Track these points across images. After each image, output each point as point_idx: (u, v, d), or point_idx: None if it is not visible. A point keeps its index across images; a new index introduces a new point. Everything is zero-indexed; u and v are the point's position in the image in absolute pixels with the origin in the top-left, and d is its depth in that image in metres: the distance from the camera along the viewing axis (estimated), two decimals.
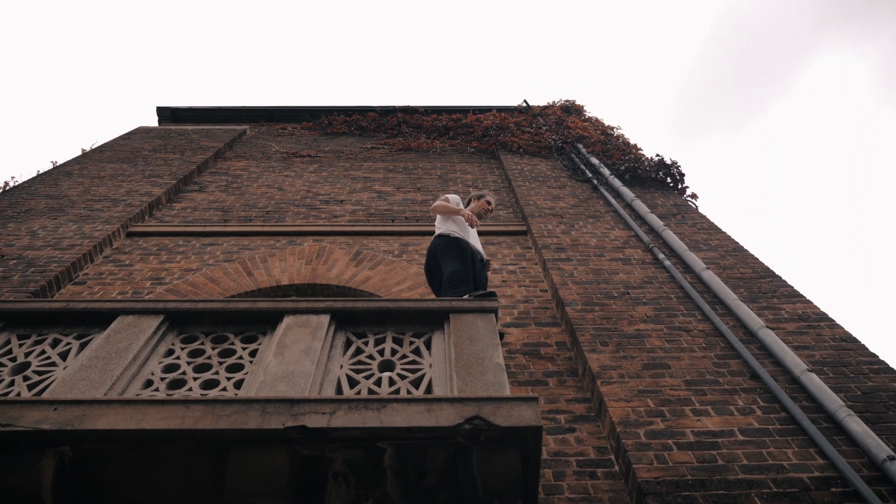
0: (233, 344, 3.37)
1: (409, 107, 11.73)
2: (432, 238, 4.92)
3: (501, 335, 4.51)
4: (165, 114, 11.70)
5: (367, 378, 3.12)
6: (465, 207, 5.35)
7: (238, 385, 3.08)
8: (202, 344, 3.36)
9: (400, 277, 5.97)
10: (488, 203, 5.36)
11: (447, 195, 5.19)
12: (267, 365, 3.09)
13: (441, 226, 4.93)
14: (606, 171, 8.20)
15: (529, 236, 6.73)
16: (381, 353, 3.31)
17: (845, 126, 30.75)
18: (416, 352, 3.33)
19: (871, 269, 26.19)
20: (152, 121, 12.52)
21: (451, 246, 4.69)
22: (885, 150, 29.19)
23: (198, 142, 9.98)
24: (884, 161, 28.91)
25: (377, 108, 11.76)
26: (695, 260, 5.72)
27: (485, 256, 4.94)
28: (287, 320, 3.41)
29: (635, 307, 5.09)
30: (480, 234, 6.36)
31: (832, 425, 3.75)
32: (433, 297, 4.75)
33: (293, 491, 2.58)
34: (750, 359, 4.34)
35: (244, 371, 3.16)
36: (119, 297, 5.47)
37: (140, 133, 10.53)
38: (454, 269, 4.50)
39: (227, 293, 5.70)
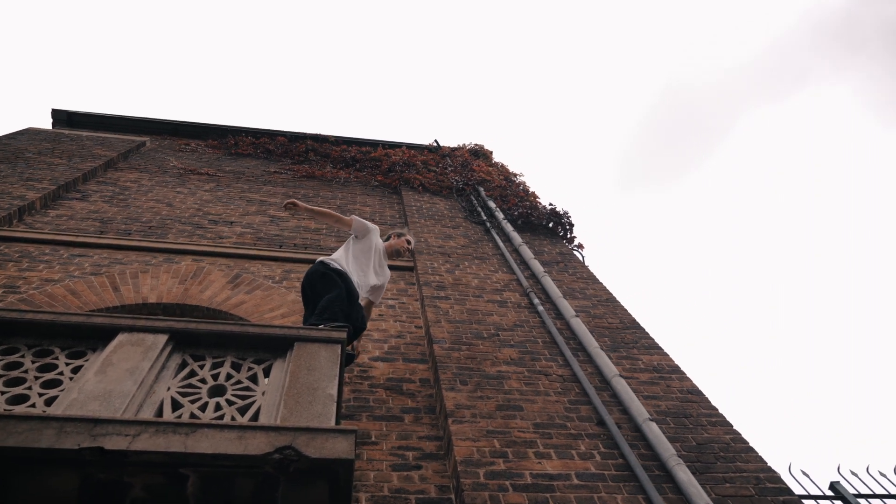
0: (56, 358, 3.18)
1: (319, 135, 11.70)
2: (318, 262, 4.60)
3: (352, 358, 4.36)
4: (61, 117, 11.17)
5: (193, 402, 3.01)
6: (384, 242, 5.06)
7: (50, 402, 2.91)
8: (22, 357, 3.16)
9: (275, 304, 5.85)
10: (408, 242, 5.12)
11: (367, 222, 4.89)
12: (85, 382, 2.93)
13: (338, 253, 4.71)
14: (501, 215, 8.41)
15: (415, 273, 6.77)
16: (216, 377, 3.21)
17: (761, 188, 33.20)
18: (253, 378, 3.25)
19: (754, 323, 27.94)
20: (48, 124, 11.93)
21: (327, 275, 4.56)
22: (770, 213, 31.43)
23: (90, 149, 9.56)
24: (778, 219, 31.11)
25: (287, 132, 11.67)
26: (566, 307, 5.90)
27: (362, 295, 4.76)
28: (120, 337, 3.26)
29: (501, 349, 5.18)
30: None
31: (663, 473, 3.90)
32: (290, 324, 4.67)
33: None
34: (599, 405, 4.48)
35: (61, 387, 2.99)
36: None
37: (28, 134, 10.00)
38: (330, 296, 4.31)
39: (86, 307, 5.42)
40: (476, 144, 12.29)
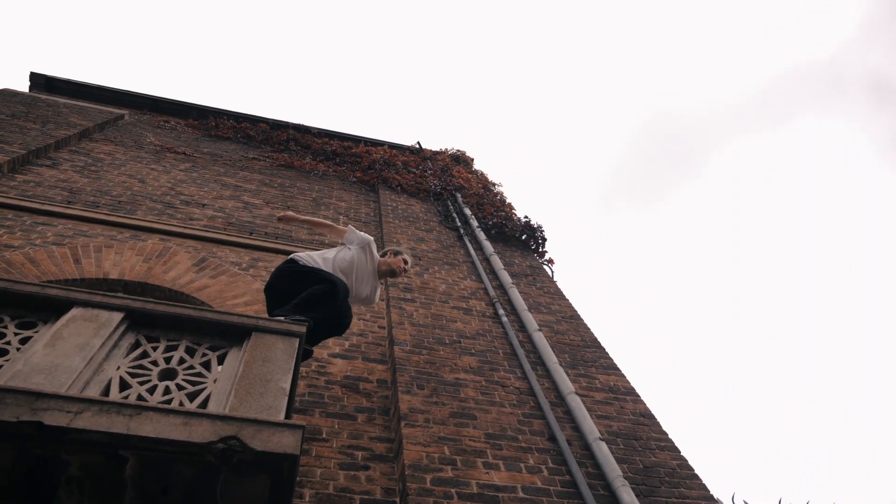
0: (6, 328, 3.11)
1: (302, 125, 11.62)
2: (287, 259, 4.46)
3: (309, 353, 4.18)
4: (39, 81, 10.94)
5: (142, 384, 2.97)
6: (380, 258, 4.77)
7: None
8: None
9: (240, 291, 5.80)
10: (405, 262, 4.78)
11: (361, 233, 4.69)
12: (31, 354, 2.87)
13: (315, 255, 4.52)
14: (475, 223, 8.43)
15: None
16: (168, 360, 3.16)
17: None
18: (206, 365, 3.21)
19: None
20: (25, 86, 11.66)
21: (304, 273, 4.33)
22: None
23: (66, 116, 9.38)
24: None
25: (270, 120, 11.57)
26: (530, 320, 5.94)
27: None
28: (73, 311, 3.20)
29: (462, 356, 5.19)
30: None
31: (608, 493, 3.94)
32: (251, 313, 4.61)
33: (18, 491, 2.38)
34: (552, 421, 4.51)
35: (6, 357, 2.92)
36: None
37: (3, 95, 9.76)
38: (315, 290, 4.09)
39: (44, 277, 5.31)
40: (458, 150, 12.32)
